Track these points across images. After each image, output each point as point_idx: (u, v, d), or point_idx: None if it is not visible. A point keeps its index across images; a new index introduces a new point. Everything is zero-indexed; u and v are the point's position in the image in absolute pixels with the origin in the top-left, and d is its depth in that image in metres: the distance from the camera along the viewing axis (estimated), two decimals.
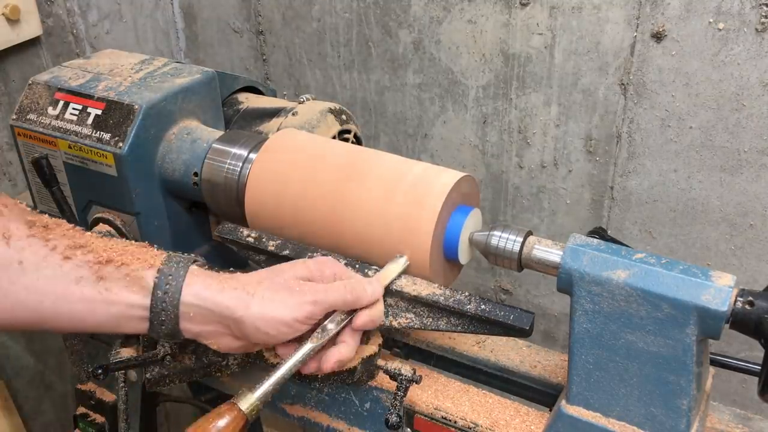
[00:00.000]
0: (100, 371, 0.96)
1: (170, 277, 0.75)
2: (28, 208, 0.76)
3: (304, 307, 0.76)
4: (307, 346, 0.77)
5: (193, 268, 0.77)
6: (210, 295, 0.75)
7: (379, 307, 0.82)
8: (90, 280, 0.72)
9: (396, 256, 0.87)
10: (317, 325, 0.79)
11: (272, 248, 0.93)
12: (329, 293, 0.78)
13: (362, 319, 0.80)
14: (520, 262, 0.84)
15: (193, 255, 0.80)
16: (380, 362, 0.87)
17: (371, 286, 0.81)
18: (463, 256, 0.89)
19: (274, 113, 1.13)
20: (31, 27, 1.43)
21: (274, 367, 0.76)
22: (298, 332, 0.77)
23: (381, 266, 0.87)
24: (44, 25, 1.47)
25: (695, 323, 0.71)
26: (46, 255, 0.72)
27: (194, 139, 1.02)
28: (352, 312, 0.80)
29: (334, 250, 0.91)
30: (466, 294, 0.83)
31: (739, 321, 0.71)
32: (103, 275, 0.73)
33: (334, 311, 0.79)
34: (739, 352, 1.28)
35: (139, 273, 0.74)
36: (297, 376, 0.84)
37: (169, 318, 0.74)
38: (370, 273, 0.87)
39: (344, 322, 0.79)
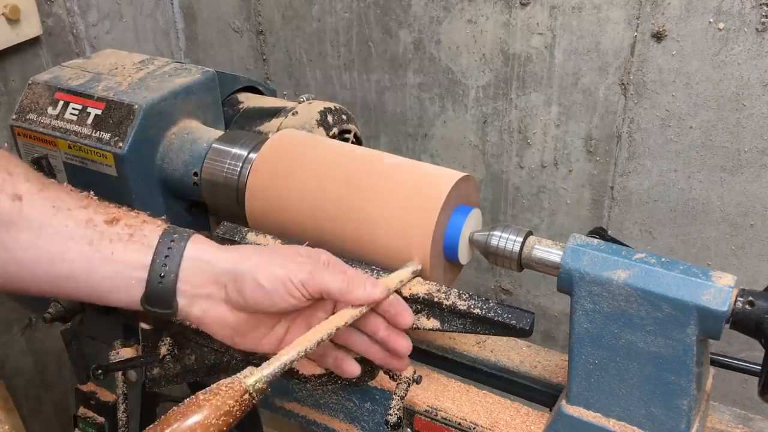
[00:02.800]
0: (100, 371, 0.96)
1: (175, 236, 0.75)
2: (39, 173, 0.76)
3: (301, 273, 0.74)
4: (316, 333, 0.74)
5: (197, 234, 0.77)
6: (212, 251, 0.75)
7: (406, 320, 0.79)
8: (92, 238, 0.72)
9: (407, 263, 0.85)
10: (306, 308, 0.77)
11: None
12: (326, 273, 0.76)
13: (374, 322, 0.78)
14: (520, 262, 0.84)
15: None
16: None
17: (373, 286, 0.77)
18: (463, 256, 0.88)
19: (274, 113, 1.13)
20: (31, 27, 1.43)
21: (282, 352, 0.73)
22: (291, 297, 0.74)
23: (381, 267, 0.87)
24: (44, 25, 1.47)
25: (695, 323, 0.71)
26: (53, 214, 0.72)
27: (194, 139, 1.02)
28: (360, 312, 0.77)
29: (334, 249, 0.91)
30: (466, 294, 0.83)
31: (740, 321, 0.71)
32: (108, 234, 0.72)
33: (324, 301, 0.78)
34: (739, 352, 1.28)
35: (143, 232, 0.74)
36: (296, 377, 0.84)
37: (169, 277, 0.73)
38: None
39: (355, 317, 0.76)
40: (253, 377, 0.68)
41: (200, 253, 0.75)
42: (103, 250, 0.72)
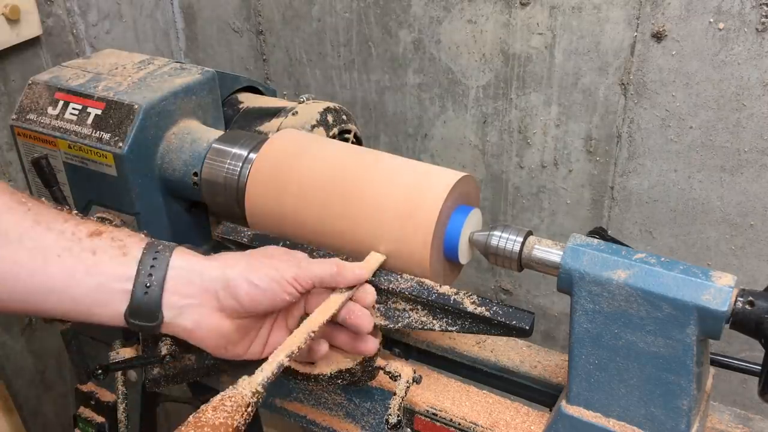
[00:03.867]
0: (100, 371, 0.96)
1: (159, 248, 0.74)
2: (18, 189, 0.75)
3: (291, 269, 0.76)
4: (305, 327, 0.76)
5: (180, 246, 0.77)
6: (197, 261, 0.75)
7: (370, 298, 0.82)
8: (75, 250, 0.71)
9: (372, 251, 0.87)
10: (301, 301, 0.80)
11: None
12: (313, 263, 0.78)
13: (357, 311, 0.80)
14: (520, 262, 0.84)
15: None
16: (380, 362, 0.87)
17: (359, 267, 0.81)
18: (463, 256, 0.89)
19: (274, 113, 1.13)
20: (31, 27, 1.43)
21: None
22: (286, 294, 0.76)
23: (383, 267, 0.88)
24: (44, 25, 1.47)
25: (695, 323, 0.71)
26: (31, 226, 0.70)
27: (194, 139, 1.02)
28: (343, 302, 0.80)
29: (333, 250, 0.91)
30: (466, 294, 0.83)
31: (740, 321, 0.71)
32: (91, 246, 0.71)
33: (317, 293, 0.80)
34: (739, 352, 1.28)
35: (127, 244, 0.73)
36: (296, 376, 0.84)
37: (155, 287, 0.72)
38: None
39: (340, 305, 0.79)
40: (251, 386, 0.69)
41: (186, 263, 0.75)
42: (86, 262, 0.71)
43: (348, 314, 0.80)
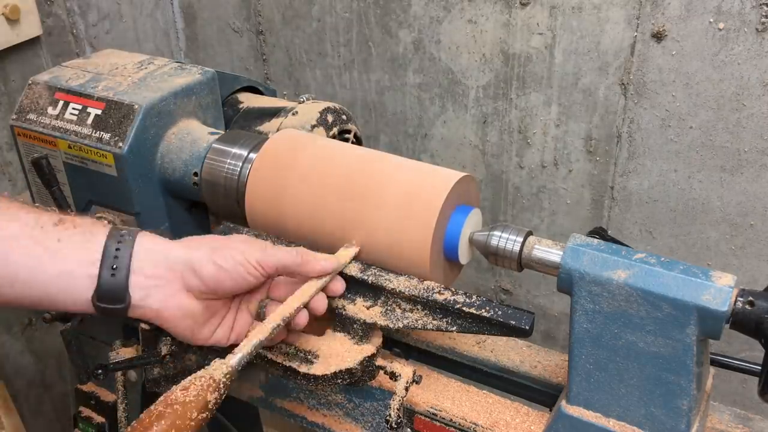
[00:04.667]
0: (100, 371, 0.96)
1: (123, 232, 0.75)
2: None
3: (255, 252, 0.77)
4: (279, 314, 0.77)
5: (144, 231, 0.78)
6: (162, 243, 0.77)
7: (338, 287, 0.84)
8: (40, 238, 0.71)
9: (345, 244, 0.88)
10: (262, 288, 0.82)
11: None
12: (278, 251, 0.80)
13: (320, 301, 0.81)
14: (520, 262, 0.84)
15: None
16: (380, 362, 0.86)
17: (324, 258, 0.82)
18: (463, 256, 0.88)
19: (274, 113, 1.13)
20: (31, 27, 1.43)
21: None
22: (249, 276, 0.77)
23: (381, 266, 0.88)
24: (44, 25, 1.47)
25: (695, 323, 0.71)
26: None
27: (194, 139, 1.02)
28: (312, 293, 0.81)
29: (333, 249, 0.91)
30: (466, 294, 0.83)
31: (740, 321, 0.71)
32: (56, 234, 0.72)
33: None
34: (739, 352, 1.28)
35: (91, 230, 0.74)
36: (296, 377, 0.84)
37: (121, 269, 0.72)
38: None
39: (313, 294, 0.80)
40: (223, 367, 0.70)
41: (151, 245, 0.76)
42: (51, 250, 0.72)
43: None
